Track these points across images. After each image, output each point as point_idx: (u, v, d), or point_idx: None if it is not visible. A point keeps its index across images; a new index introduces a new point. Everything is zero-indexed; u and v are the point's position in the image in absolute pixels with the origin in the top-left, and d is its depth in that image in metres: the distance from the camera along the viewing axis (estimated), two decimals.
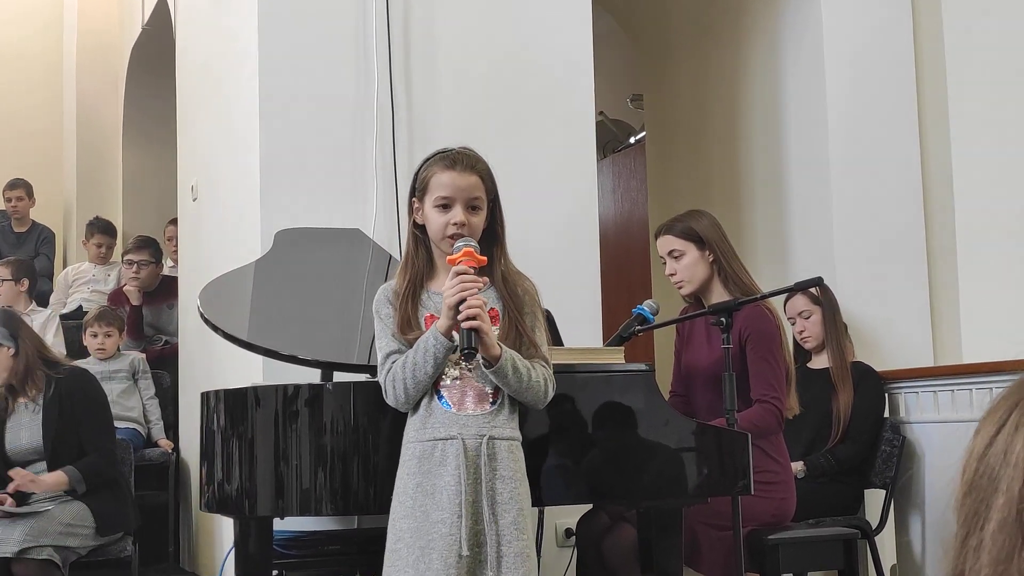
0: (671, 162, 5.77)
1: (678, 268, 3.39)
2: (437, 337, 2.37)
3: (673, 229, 3.41)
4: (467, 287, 2.35)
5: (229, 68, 4.37)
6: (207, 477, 2.81)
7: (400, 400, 2.43)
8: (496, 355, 2.37)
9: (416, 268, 2.51)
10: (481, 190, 2.49)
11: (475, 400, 2.43)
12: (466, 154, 2.51)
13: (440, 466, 2.38)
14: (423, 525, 2.36)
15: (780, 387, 3.25)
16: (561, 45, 4.19)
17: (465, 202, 2.46)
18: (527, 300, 2.52)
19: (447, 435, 2.39)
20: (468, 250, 2.40)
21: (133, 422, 5.02)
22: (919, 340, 4.63)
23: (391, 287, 2.52)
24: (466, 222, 2.45)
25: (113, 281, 6.36)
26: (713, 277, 3.37)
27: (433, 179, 2.48)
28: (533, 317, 2.51)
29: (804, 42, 4.82)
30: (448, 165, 2.48)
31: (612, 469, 2.76)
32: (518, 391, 2.42)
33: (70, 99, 7.71)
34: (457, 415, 2.41)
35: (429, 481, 2.38)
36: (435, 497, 2.37)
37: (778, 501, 3.30)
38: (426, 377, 2.39)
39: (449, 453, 2.38)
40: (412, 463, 2.41)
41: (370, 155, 3.94)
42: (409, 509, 2.39)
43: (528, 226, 3.97)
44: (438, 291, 2.49)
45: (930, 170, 4.74)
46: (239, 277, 3.44)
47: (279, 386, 2.69)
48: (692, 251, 3.37)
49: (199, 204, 4.83)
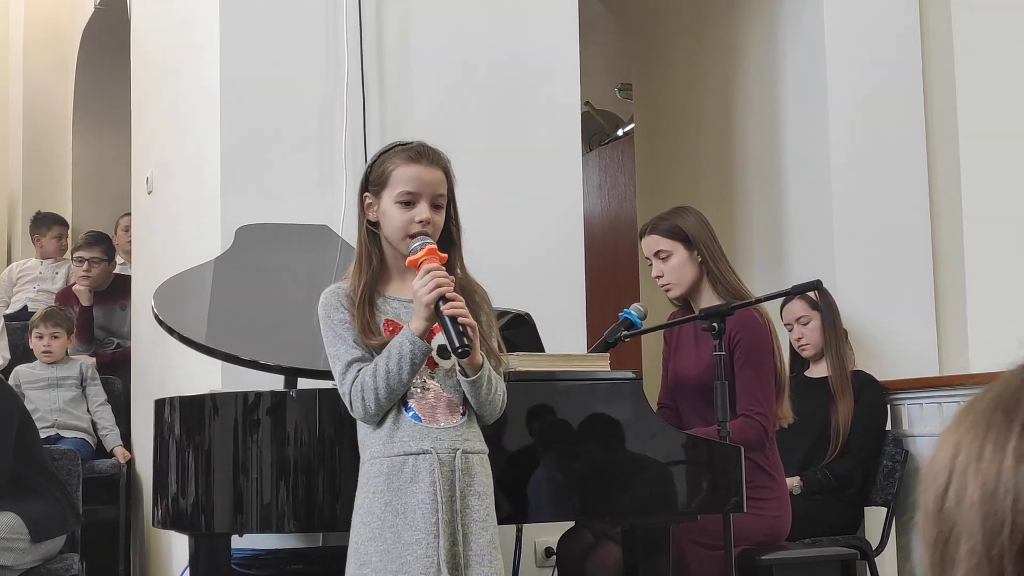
0: (661, 156, 5.78)
1: (665, 270, 3.39)
2: (414, 340, 2.33)
3: (658, 228, 3.41)
4: (442, 282, 2.32)
5: (188, 51, 4.35)
6: (160, 491, 2.80)
7: (370, 412, 2.38)
8: (479, 363, 2.36)
9: (372, 269, 2.47)
10: (444, 187, 2.47)
11: (446, 412, 2.41)
12: (430, 148, 2.48)
13: (412, 483, 2.35)
14: (394, 547, 2.33)
15: (767, 400, 3.25)
16: (544, 30, 4.19)
17: (430, 198, 2.43)
18: (484, 308, 2.50)
19: (419, 449, 2.36)
20: (431, 247, 2.38)
21: (82, 432, 4.99)
22: (924, 348, 4.65)
23: (343, 290, 2.46)
24: (431, 220, 2.42)
25: (61, 279, 6.32)
26: (702, 279, 3.37)
27: (395, 172, 2.44)
28: (490, 326, 2.49)
29: (804, 29, 4.84)
30: (413, 158, 2.45)
31: (596, 484, 2.76)
32: (484, 402, 2.41)
33: (16, 83, 7.66)
34: (428, 428, 2.38)
35: (399, 500, 2.34)
36: (407, 517, 2.33)
37: (772, 519, 3.30)
38: (400, 385, 2.35)
39: (422, 469, 2.35)
40: (378, 480, 2.37)
41: (339, 147, 3.93)
42: (377, 531, 2.34)
43: (508, 224, 3.97)
44: (395, 295, 2.47)
45: (937, 167, 4.76)
46: (197, 276, 3.42)
47: (239, 393, 2.68)
48: (680, 251, 3.37)
49: (155, 197, 4.81)
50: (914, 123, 4.77)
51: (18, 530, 3.75)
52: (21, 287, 6.39)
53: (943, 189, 4.75)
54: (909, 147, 4.75)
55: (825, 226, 4.68)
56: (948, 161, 4.75)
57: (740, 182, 5.20)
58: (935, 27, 4.79)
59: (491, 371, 2.40)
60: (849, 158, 4.68)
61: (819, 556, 3.57)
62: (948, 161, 4.75)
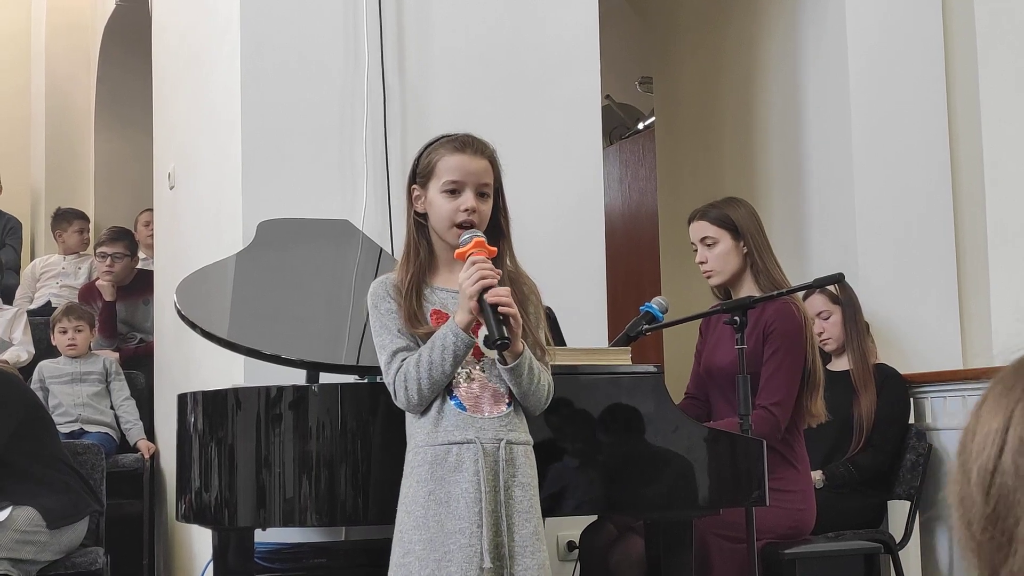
0: (682, 149, 5.77)
1: (710, 256, 3.39)
2: (457, 333, 2.34)
3: (708, 215, 3.41)
4: (487, 275, 2.33)
5: (209, 46, 4.36)
6: (184, 485, 2.81)
7: (413, 402, 2.39)
8: (519, 350, 2.36)
9: (420, 259, 2.49)
10: (490, 176, 2.49)
11: (491, 402, 2.41)
12: (475, 138, 2.51)
13: (455, 472, 2.35)
14: (437, 536, 2.33)
15: (785, 393, 3.24)
16: (565, 23, 4.18)
17: (475, 187, 2.45)
18: (532, 300, 2.52)
19: (463, 439, 2.37)
20: (479, 240, 2.38)
21: (106, 426, 5.01)
22: (947, 341, 4.63)
23: (390, 280, 2.49)
24: (476, 208, 2.44)
25: (84, 275, 6.35)
26: (745, 270, 3.37)
27: (440, 162, 2.46)
28: (538, 318, 2.51)
29: (826, 20, 4.81)
30: (457, 148, 2.47)
31: (618, 478, 2.75)
32: (526, 392, 2.41)
33: (38, 81, 7.70)
34: (472, 417, 2.39)
35: (443, 489, 2.35)
36: (450, 506, 2.34)
37: (796, 512, 3.29)
38: (444, 376, 2.36)
39: (466, 458, 2.36)
40: (423, 469, 2.37)
41: (360, 141, 3.93)
42: (420, 520, 2.35)
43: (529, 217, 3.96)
44: (442, 286, 2.48)
45: (959, 159, 4.74)
46: (219, 271, 3.43)
47: (261, 388, 2.69)
48: (726, 240, 3.37)
49: (176, 192, 4.82)
50: (937, 114, 4.74)
51: (36, 522, 3.77)
52: (44, 282, 6.42)
53: (966, 181, 4.73)
54: (932, 139, 4.72)
55: (848, 219, 4.66)
56: (971, 153, 4.72)
57: (761, 175, 5.18)
58: (958, 17, 4.76)
59: (532, 361, 2.39)
60: (871, 150, 4.66)
61: (842, 550, 3.56)
62: (971, 153, 4.72)
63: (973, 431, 0.76)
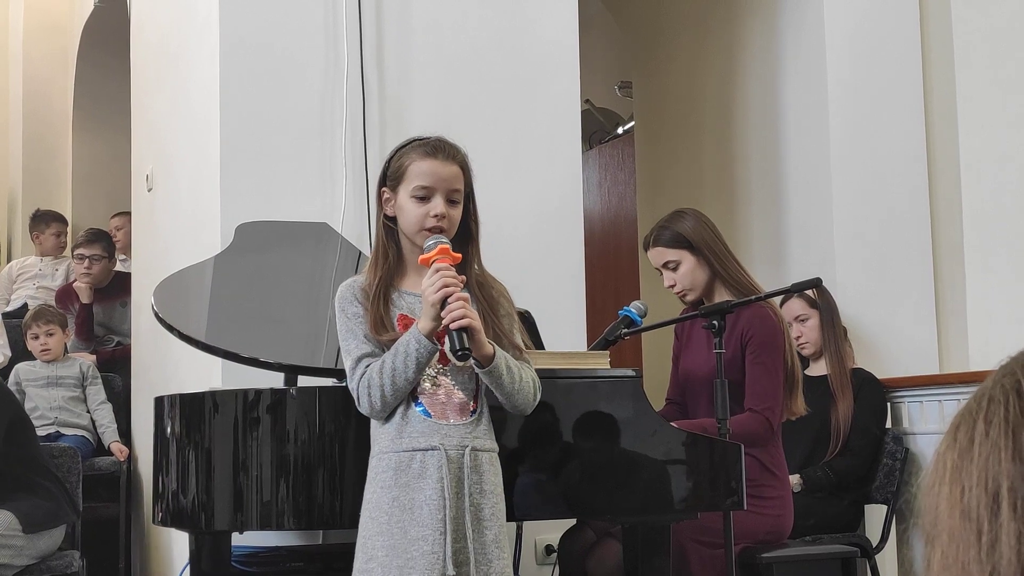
0: (661, 154, 5.78)
1: (676, 278, 3.40)
2: (420, 340, 2.33)
3: (661, 239, 3.42)
4: (449, 283, 2.33)
5: (188, 48, 4.35)
6: (161, 488, 2.80)
7: (376, 408, 2.39)
8: (490, 353, 2.35)
9: (389, 262, 2.49)
10: (460, 182, 2.48)
11: (456, 409, 2.41)
12: (447, 143, 2.50)
13: (419, 479, 2.35)
14: (400, 543, 2.33)
15: (774, 397, 3.26)
16: (544, 27, 4.19)
17: (445, 193, 2.44)
18: (503, 302, 2.51)
19: (427, 445, 2.37)
20: (444, 247, 2.38)
21: (83, 429, 4.99)
22: (924, 346, 4.65)
23: (358, 283, 2.48)
24: (446, 214, 2.43)
25: (61, 277, 6.32)
26: (714, 280, 3.39)
27: (412, 167, 2.45)
28: (511, 319, 2.51)
29: (804, 26, 4.84)
30: (429, 152, 2.46)
31: (595, 482, 2.76)
32: (511, 393, 2.40)
33: (16, 81, 7.66)
34: (438, 424, 2.39)
35: (407, 495, 2.35)
36: (414, 512, 2.34)
37: (773, 518, 3.30)
38: (406, 383, 2.36)
39: (430, 465, 2.35)
40: (387, 475, 2.37)
41: (339, 144, 3.93)
42: (384, 526, 2.35)
43: (508, 221, 3.97)
44: (410, 290, 2.48)
45: (936, 165, 4.76)
46: (197, 274, 3.42)
47: (239, 391, 2.68)
48: (687, 258, 3.38)
49: (154, 195, 4.80)
50: (914, 121, 4.77)
51: (13, 527, 3.75)
52: (21, 284, 6.38)
53: (943, 187, 4.75)
54: (909, 145, 4.75)
55: (825, 224, 4.68)
56: (948, 159, 4.75)
57: (740, 180, 5.20)
58: (935, 25, 4.79)
59: (509, 360, 2.39)
60: (849, 156, 4.68)
61: (819, 554, 3.57)
62: (948, 159, 4.75)
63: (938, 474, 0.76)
